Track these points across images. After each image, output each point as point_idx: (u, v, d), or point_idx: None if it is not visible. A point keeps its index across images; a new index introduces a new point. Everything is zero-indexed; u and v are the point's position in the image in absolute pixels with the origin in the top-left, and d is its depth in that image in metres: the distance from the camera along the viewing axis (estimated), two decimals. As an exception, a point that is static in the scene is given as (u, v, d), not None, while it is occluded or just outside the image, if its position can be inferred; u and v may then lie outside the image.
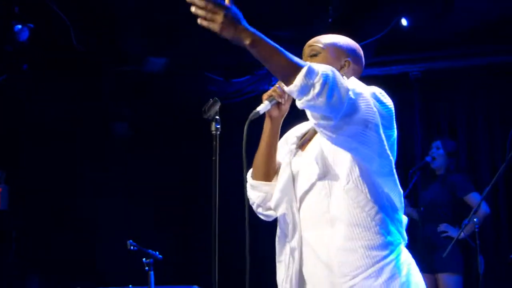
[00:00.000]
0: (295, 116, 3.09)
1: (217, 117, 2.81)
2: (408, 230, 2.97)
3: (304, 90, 2.47)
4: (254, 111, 2.82)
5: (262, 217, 3.05)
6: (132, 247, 6.06)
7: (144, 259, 6.09)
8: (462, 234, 5.93)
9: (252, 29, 2.50)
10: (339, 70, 2.90)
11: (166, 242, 8.19)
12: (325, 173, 2.78)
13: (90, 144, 8.44)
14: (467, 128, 7.95)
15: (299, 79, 2.47)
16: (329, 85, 2.47)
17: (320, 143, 2.80)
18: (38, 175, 8.29)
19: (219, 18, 2.44)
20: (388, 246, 2.73)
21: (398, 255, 2.76)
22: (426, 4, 6.82)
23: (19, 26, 6.43)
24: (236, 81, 7.95)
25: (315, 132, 2.94)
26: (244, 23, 2.49)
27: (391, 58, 7.86)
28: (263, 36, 2.52)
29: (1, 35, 6.49)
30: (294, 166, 2.92)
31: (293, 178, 2.90)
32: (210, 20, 2.45)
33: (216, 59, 7.79)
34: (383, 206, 2.76)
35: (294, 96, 2.51)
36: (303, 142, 3.01)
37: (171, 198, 8.67)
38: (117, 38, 7.22)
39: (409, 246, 2.92)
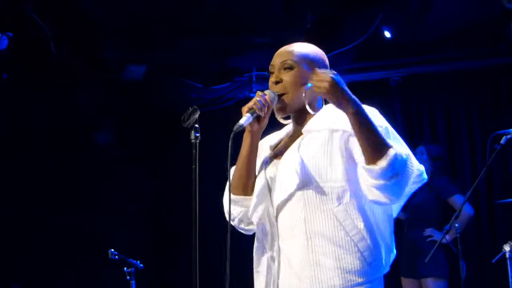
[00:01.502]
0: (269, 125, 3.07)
1: (197, 125, 2.78)
2: (395, 233, 2.99)
3: (386, 175, 2.59)
4: (238, 124, 2.76)
5: (243, 231, 3.02)
6: (113, 256, 6.04)
7: (125, 268, 6.07)
8: (444, 239, 5.94)
9: (354, 97, 2.65)
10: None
11: (147, 251, 8.17)
12: (305, 184, 2.75)
13: (70, 153, 8.40)
14: (448, 132, 7.97)
15: (385, 162, 2.58)
16: (408, 173, 2.64)
17: (303, 154, 2.79)
18: (18, 183, 8.24)
19: (327, 83, 2.60)
20: (365, 275, 2.72)
21: (373, 286, 2.76)
22: (404, 9, 6.84)
23: (-2, 35, 6.39)
24: (216, 88, 7.95)
25: (290, 142, 2.94)
26: (348, 90, 2.65)
27: (371, 64, 7.88)
28: (361, 105, 2.66)
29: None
30: (270, 174, 2.90)
31: (269, 187, 2.88)
32: (318, 85, 2.63)
33: (196, 66, 7.79)
34: (371, 232, 2.76)
35: (372, 175, 2.60)
36: (278, 151, 2.98)
37: (151, 206, 8.66)
38: (97, 47, 7.20)
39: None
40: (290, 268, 2.77)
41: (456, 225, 5.89)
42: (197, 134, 2.78)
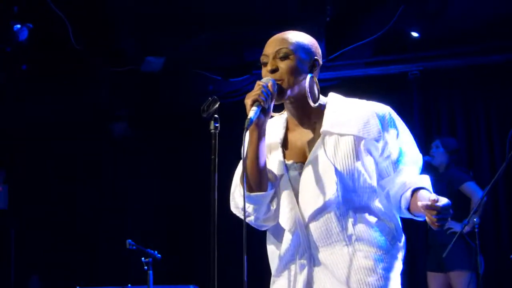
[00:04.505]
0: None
1: (216, 115, 2.75)
2: (417, 230, 3.10)
3: None
4: (248, 119, 2.68)
5: (256, 227, 2.95)
6: (131, 247, 6.06)
7: (143, 258, 6.08)
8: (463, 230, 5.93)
9: None
10: (311, 71, 2.87)
11: (165, 242, 8.19)
12: (343, 192, 2.76)
13: (88, 144, 8.44)
14: (466, 127, 7.95)
15: None
16: None
17: (334, 161, 2.78)
18: (38, 174, 8.30)
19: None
20: (398, 272, 2.84)
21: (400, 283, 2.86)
22: (424, 3, 6.82)
23: (18, 26, 6.42)
24: (235, 80, 7.95)
25: (305, 141, 2.89)
26: None
27: (390, 57, 7.85)
28: None
29: (0, 35, 6.49)
30: (294, 180, 2.85)
31: (295, 193, 2.83)
32: (443, 218, 2.64)
33: (215, 59, 7.79)
34: (398, 231, 2.87)
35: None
36: (294, 151, 2.90)
37: (169, 197, 8.67)
38: (116, 38, 7.22)
39: (421, 246, 3.03)
40: (330, 275, 2.77)
41: (475, 219, 5.88)
42: (217, 125, 2.74)
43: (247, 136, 2.73)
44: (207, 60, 7.78)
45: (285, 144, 2.94)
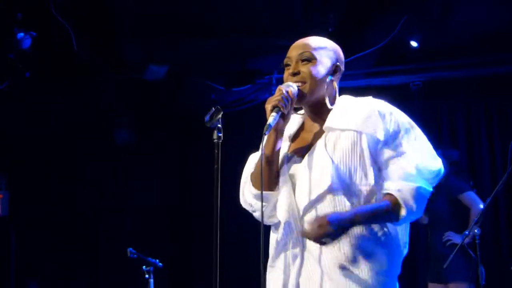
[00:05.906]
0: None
1: (219, 125, 2.80)
2: (418, 240, 3.06)
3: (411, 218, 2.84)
4: (267, 125, 2.73)
5: (267, 224, 2.97)
6: (132, 255, 6.07)
7: (144, 266, 6.09)
8: (463, 241, 5.93)
9: (350, 216, 2.71)
10: (332, 74, 2.93)
11: (165, 243, 8.20)
12: (336, 187, 2.77)
13: (91, 151, 8.45)
14: (468, 138, 7.96)
15: (403, 220, 2.81)
16: (426, 199, 2.90)
17: (332, 155, 2.81)
18: (39, 181, 8.30)
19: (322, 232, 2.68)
20: (392, 274, 2.82)
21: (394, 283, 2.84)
22: (426, 14, 6.84)
23: (22, 34, 6.44)
24: (237, 89, 7.97)
25: (310, 137, 2.94)
26: (345, 221, 2.71)
27: (392, 68, 7.87)
28: (359, 210, 2.75)
29: (4, 43, 6.51)
30: (292, 171, 2.89)
31: (293, 185, 2.87)
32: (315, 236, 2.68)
33: (217, 68, 7.81)
34: (395, 232, 2.84)
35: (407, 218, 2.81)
36: (297, 146, 2.96)
37: (172, 205, 8.68)
38: (119, 46, 7.24)
39: (422, 257, 2.99)
40: (319, 268, 2.77)
41: (476, 230, 5.88)
42: (220, 134, 2.80)
43: (264, 140, 2.78)
44: (210, 69, 7.80)
45: (294, 139, 3.00)
